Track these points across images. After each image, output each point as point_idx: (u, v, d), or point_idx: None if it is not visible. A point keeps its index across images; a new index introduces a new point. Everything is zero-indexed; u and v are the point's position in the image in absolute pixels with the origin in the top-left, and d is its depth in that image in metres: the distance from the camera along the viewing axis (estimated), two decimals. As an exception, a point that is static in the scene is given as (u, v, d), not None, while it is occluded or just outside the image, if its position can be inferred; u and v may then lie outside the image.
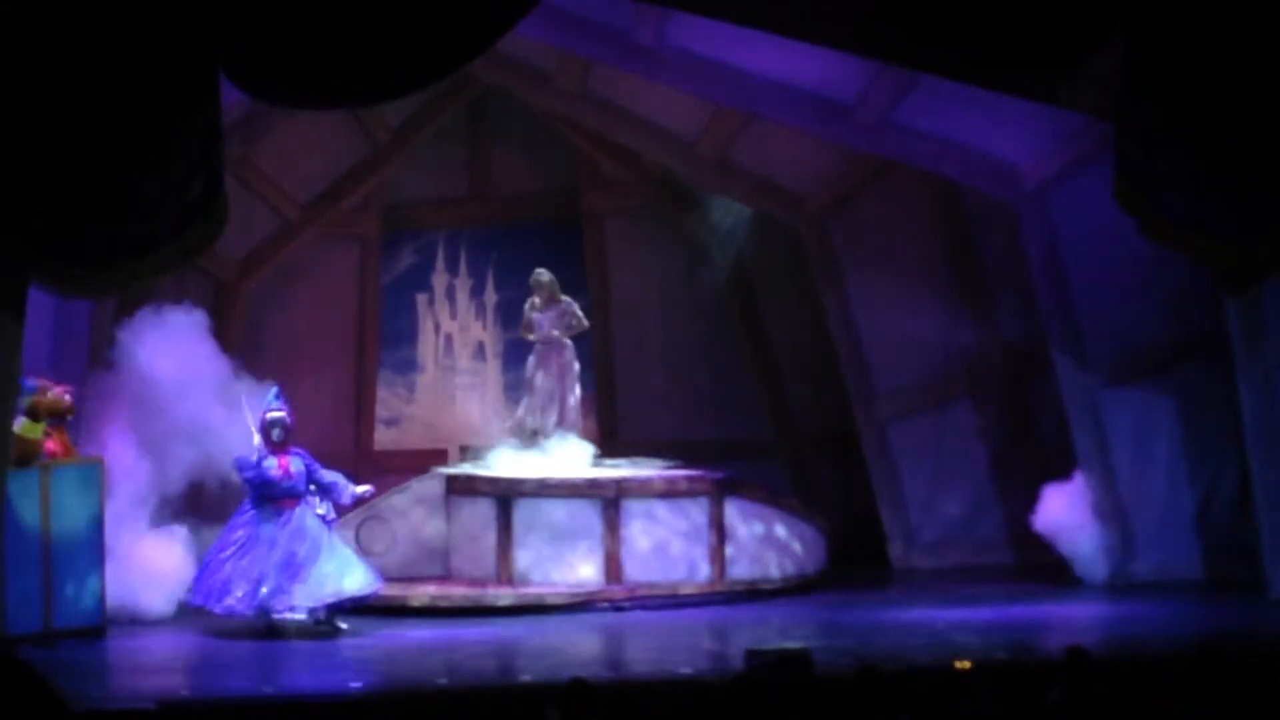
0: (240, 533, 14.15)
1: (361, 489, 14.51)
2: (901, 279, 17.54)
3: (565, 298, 16.81)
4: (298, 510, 14.17)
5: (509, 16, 10.89)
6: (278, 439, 14.34)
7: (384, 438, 18.14)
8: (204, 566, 14.23)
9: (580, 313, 16.86)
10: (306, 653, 13.22)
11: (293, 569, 13.92)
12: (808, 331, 18.37)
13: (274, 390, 14.61)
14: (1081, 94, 12.20)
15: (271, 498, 14.18)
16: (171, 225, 10.65)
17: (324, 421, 16.96)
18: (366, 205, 18.49)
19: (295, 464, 14.29)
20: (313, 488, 14.35)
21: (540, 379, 16.65)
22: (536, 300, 16.75)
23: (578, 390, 16.77)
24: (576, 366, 16.77)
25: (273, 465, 14.21)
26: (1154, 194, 11.50)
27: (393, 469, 16.88)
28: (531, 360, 16.77)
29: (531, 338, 16.77)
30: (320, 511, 14.37)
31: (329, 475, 14.43)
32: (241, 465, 14.32)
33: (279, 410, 14.47)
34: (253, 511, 14.21)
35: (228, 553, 14.08)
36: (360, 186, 18.36)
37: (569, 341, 16.78)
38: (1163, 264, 14.83)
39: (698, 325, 18.86)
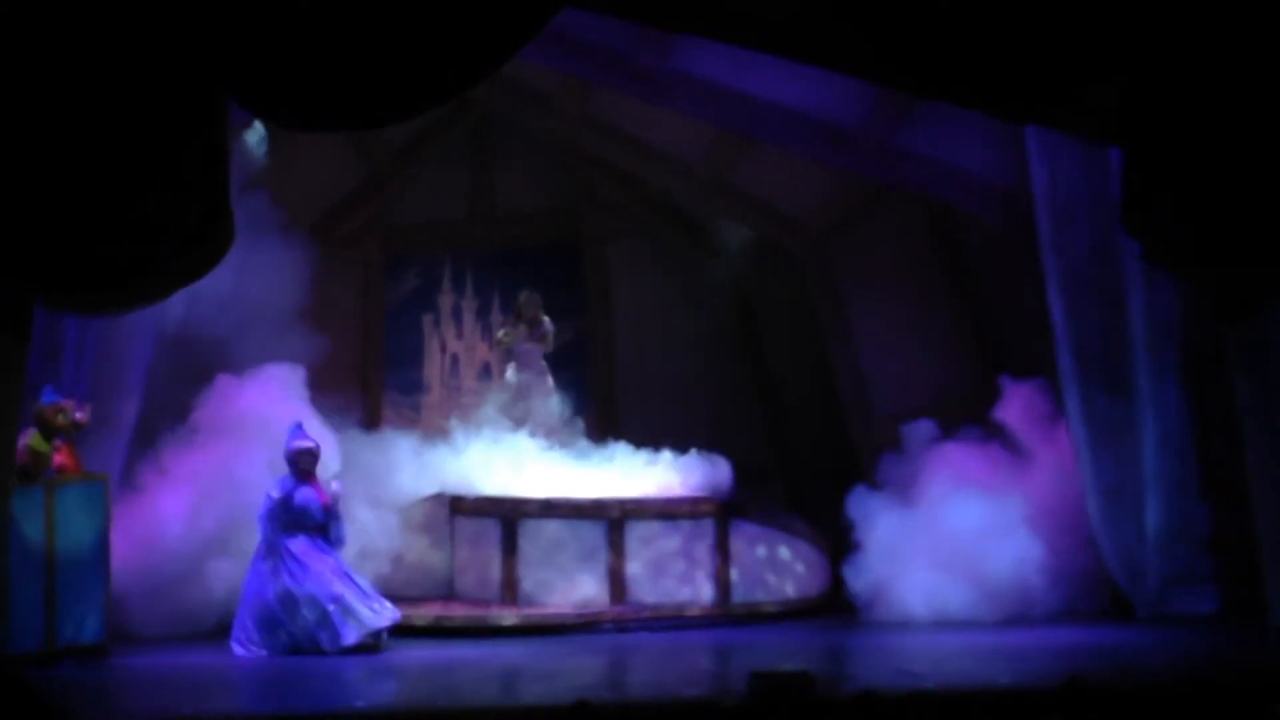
0: (280, 569, 14.15)
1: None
2: (902, 303, 17.56)
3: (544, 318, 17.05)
4: (330, 547, 14.19)
5: (515, 41, 10.92)
6: (307, 467, 14.30)
7: (389, 458, 18.15)
8: (244, 607, 14.16)
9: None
10: (310, 672, 13.21)
11: (335, 604, 13.96)
12: (808, 355, 18.41)
13: (297, 422, 14.55)
14: (1086, 121, 12.23)
15: (303, 526, 14.16)
16: (175, 247, 10.66)
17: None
18: (369, 228, 18.53)
19: (328, 493, 14.28)
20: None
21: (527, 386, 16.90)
22: (522, 320, 16.90)
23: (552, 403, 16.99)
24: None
25: (308, 494, 14.22)
26: (1157, 221, 11.53)
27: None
28: (515, 374, 17.01)
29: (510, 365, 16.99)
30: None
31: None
32: (273, 497, 14.26)
33: (306, 441, 14.41)
34: (283, 544, 14.19)
35: (269, 594, 14.09)
36: (362, 209, 18.40)
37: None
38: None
39: (699, 348, 18.92)
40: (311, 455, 14.31)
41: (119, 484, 14.76)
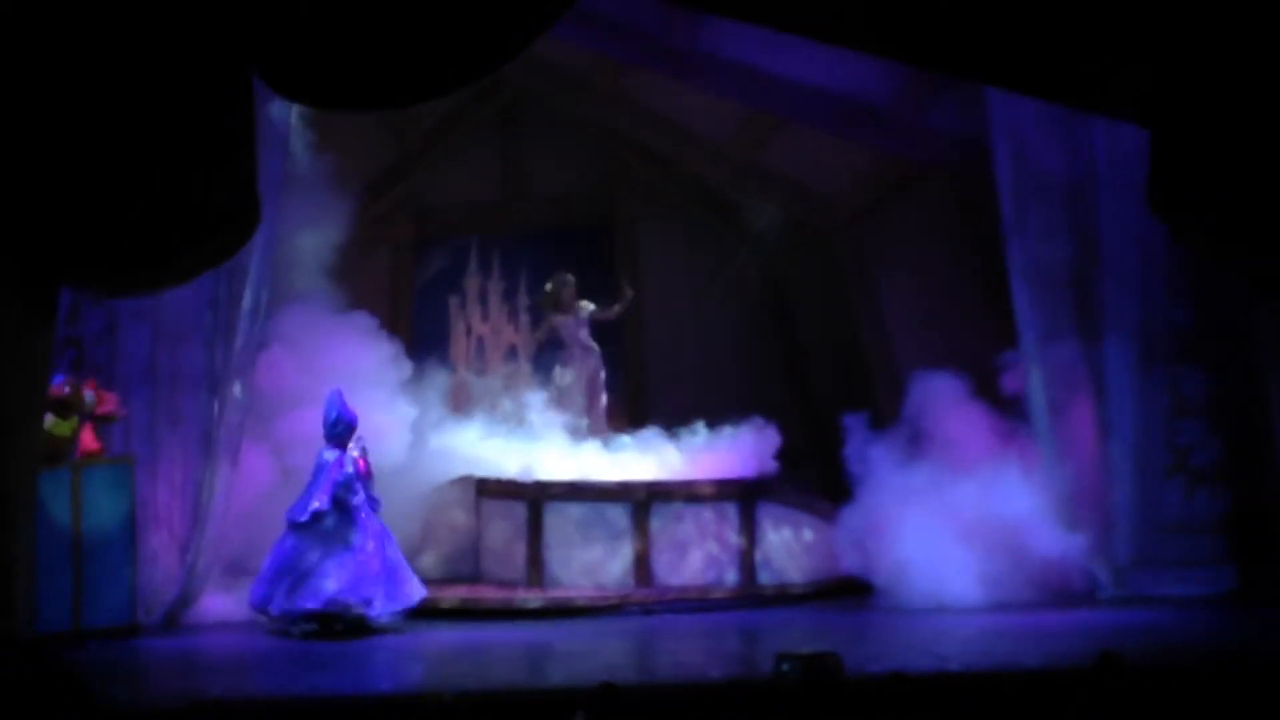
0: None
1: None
2: (933, 285, 17.50)
3: (582, 303, 17.01)
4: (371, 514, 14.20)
5: (545, 18, 10.90)
6: (342, 438, 14.32)
7: (416, 440, 18.13)
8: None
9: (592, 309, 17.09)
10: (336, 654, 13.23)
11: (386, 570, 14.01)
12: (839, 335, 18.37)
13: (335, 391, 14.51)
14: (1117, 101, 12.19)
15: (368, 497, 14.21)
16: (205, 228, 10.66)
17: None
18: (400, 209, 18.50)
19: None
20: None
21: (571, 383, 16.85)
22: (561, 304, 16.91)
23: (604, 397, 16.95)
24: (603, 374, 16.96)
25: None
26: (1187, 202, 11.47)
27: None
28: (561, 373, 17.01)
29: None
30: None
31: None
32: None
33: (339, 409, 14.36)
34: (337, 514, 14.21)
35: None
36: (393, 190, 18.38)
37: (596, 348, 16.94)
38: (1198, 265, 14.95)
39: (729, 329, 18.89)
40: (348, 430, 14.37)
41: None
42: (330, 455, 14.18)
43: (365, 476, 14.22)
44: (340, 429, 14.25)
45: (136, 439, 14.49)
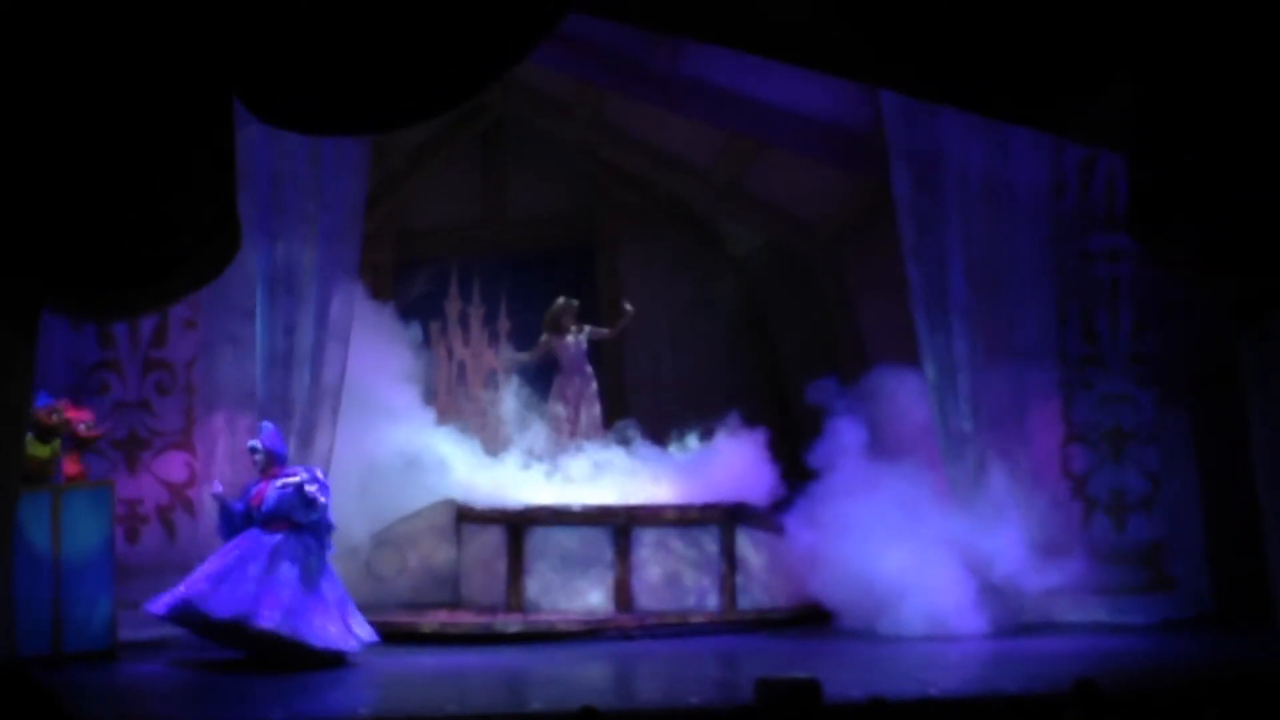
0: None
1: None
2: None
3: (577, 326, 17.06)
4: (284, 535, 13.98)
5: (523, 45, 10.91)
6: (260, 466, 14.17)
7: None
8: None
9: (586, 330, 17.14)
10: (316, 679, 13.20)
11: (238, 579, 13.78)
12: (821, 357, 18.36)
13: (264, 422, 14.48)
14: (1093, 126, 12.22)
15: (262, 522, 14.01)
16: (183, 252, 10.66)
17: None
18: (381, 232, 18.48)
19: (274, 490, 14.07)
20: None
21: (565, 406, 16.93)
22: (562, 328, 16.96)
23: (596, 411, 16.99)
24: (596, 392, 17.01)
25: (253, 491, 14.08)
26: (1164, 225, 11.50)
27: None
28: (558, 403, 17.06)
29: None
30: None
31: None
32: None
33: (252, 440, 14.27)
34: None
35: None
36: (374, 212, 18.36)
37: (591, 369, 17.10)
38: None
39: (711, 350, 18.91)
40: (252, 451, 14.20)
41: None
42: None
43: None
44: (260, 458, 14.17)
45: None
